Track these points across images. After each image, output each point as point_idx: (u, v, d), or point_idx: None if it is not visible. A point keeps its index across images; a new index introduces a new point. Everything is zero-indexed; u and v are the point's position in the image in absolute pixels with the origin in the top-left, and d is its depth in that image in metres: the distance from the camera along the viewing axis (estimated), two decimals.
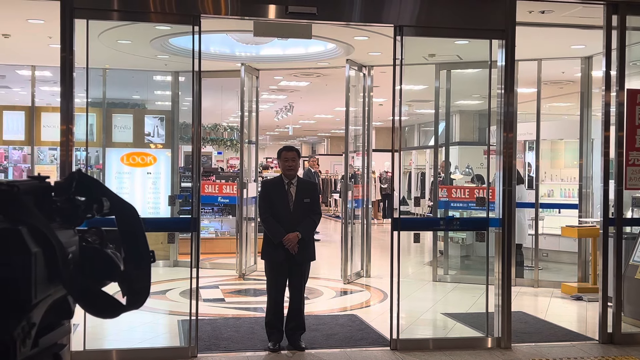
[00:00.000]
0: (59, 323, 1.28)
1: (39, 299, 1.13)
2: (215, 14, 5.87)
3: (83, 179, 1.28)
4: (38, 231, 1.15)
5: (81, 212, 1.27)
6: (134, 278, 1.26)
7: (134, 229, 1.28)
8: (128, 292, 1.26)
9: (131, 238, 1.27)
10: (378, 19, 6.19)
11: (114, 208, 1.29)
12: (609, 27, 6.27)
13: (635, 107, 6.30)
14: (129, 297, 1.26)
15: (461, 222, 6.93)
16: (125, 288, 1.26)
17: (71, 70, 5.41)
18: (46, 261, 1.14)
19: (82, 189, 1.28)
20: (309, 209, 5.93)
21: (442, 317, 7.54)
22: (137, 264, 1.27)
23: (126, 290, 1.26)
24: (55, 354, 1.25)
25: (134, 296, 1.27)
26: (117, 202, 1.29)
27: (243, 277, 9.70)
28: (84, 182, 1.28)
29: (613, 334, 6.23)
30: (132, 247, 1.27)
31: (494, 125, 6.38)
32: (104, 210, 1.29)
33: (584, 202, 9.33)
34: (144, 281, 1.28)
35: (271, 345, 5.88)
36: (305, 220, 5.88)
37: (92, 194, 1.28)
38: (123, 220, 1.29)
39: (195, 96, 5.93)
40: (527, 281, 9.15)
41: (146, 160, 9.87)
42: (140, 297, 1.28)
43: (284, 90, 14.17)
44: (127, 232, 1.27)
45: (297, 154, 6.11)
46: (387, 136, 19.46)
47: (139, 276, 1.27)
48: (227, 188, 10.63)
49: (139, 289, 1.27)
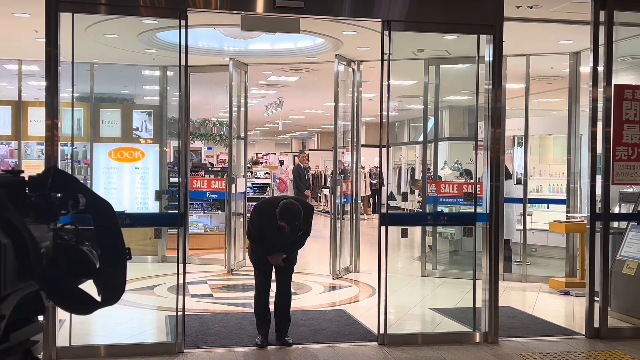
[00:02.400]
0: (32, 319, 1.26)
1: (8, 292, 1.12)
2: (202, 8, 5.84)
3: (59, 175, 1.26)
4: (9, 223, 1.13)
5: (56, 208, 1.25)
6: (109, 275, 1.25)
7: (111, 226, 1.26)
8: (103, 289, 1.25)
9: (107, 235, 1.26)
10: (366, 14, 6.17)
11: (90, 205, 1.27)
12: (597, 22, 6.28)
13: (622, 103, 6.32)
14: (104, 293, 1.25)
15: (449, 217, 6.93)
16: (100, 285, 1.25)
17: (56, 65, 5.37)
18: (17, 254, 1.12)
19: (58, 184, 1.25)
20: (302, 233, 5.94)
21: (430, 312, 7.55)
22: (113, 261, 1.25)
23: (101, 288, 1.25)
24: (27, 350, 1.23)
25: (109, 293, 1.25)
26: (93, 199, 1.27)
27: (231, 272, 9.68)
28: (60, 178, 1.26)
29: (600, 329, 6.26)
30: (107, 245, 1.26)
31: (482, 120, 6.38)
32: (80, 207, 1.27)
33: (572, 197, 9.36)
34: (119, 278, 1.26)
35: (259, 341, 5.89)
36: (293, 244, 5.93)
37: (69, 190, 1.26)
38: (99, 217, 1.27)
39: (183, 91, 5.90)
40: (515, 276, 9.18)
41: (134, 155, 9.82)
42: (115, 294, 1.26)
43: (273, 85, 14.14)
44: (102, 229, 1.26)
45: (299, 220, 5.68)
46: (376, 131, 19.48)
47: (114, 273, 1.26)
48: (215, 183, 10.60)
49: (114, 286, 1.26)
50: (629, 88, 6.36)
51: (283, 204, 5.60)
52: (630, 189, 7.58)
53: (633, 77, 8.72)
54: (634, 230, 6.97)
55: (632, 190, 7.56)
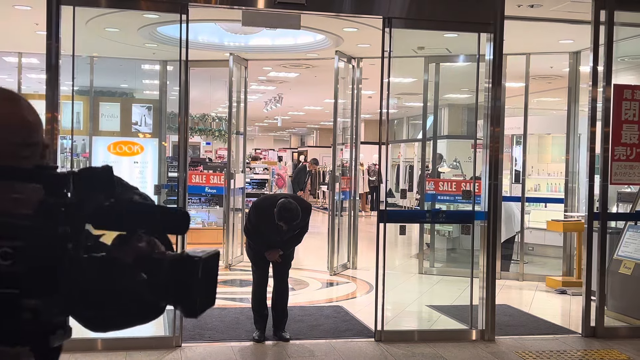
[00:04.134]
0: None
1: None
2: (203, 3, 5.84)
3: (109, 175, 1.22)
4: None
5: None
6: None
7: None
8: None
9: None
10: (367, 11, 6.18)
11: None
12: (597, 22, 6.29)
13: (621, 103, 6.33)
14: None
15: (447, 215, 6.95)
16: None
17: (57, 58, 5.37)
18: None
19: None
20: (299, 231, 5.93)
21: (427, 309, 7.57)
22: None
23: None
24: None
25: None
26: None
27: (229, 267, 9.69)
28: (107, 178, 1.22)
29: (596, 328, 6.28)
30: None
31: (482, 119, 6.39)
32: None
33: (570, 196, 9.38)
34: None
35: (256, 336, 5.90)
36: (290, 241, 5.93)
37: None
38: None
39: (182, 86, 5.90)
40: (512, 274, 9.19)
41: (133, 150, 9.83)
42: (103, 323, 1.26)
43: (273, 81, 14.14)
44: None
45: (297, 221, 5.69)
46: (376, 128, 19.48)
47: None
48: (214, 178, 10.60)
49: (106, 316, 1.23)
50: (628, 88, 6.37)
51: (281, 203, 5.60)
52: (628, 188, 7.59)
53: (633, 77, 8.73)
54: (631, 230, 6.98)
55: (630, 190, 7.58)
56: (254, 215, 5.90)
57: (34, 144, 1.30)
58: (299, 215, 5.61)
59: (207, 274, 1.19)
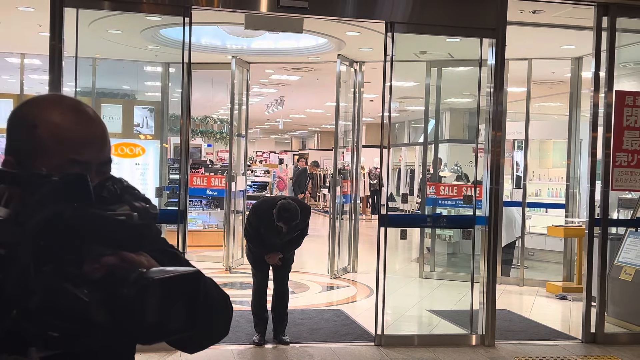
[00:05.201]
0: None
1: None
2: (207, 6, 5.85)
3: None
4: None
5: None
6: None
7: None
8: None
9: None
10: (370, 15, 6.18)
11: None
12: (599, 28, 6.29)
13: (623, 109, 6.33)
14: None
15: (448, 220, 6.96)
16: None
17: (60, 59, 5.38)
18: None
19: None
20: (299, 233, 5.93)
21: (427, 313, 7.56)
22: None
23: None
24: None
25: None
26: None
27: (230, 270, 9.69)
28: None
29: (596, 334, 6.27)
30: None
31: (483, 123, 6.39)
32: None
33: (571, 202, 9.37)
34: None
35: (256, 339, 5.90)
36: (289, 244, 5.93)
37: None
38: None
39: (185, 88, 5.91)
40: (512, 279, 9.19)
41: (135, 151, 9.82)
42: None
43: (274, 83, 14.15)
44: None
45: (297, 221, 5.69)
46: (377, 132, 19.47)
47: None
48: (215, 181, 10.61)
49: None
50: (630, 94, 6.37)
51: (281, 204, 5.60)
52: (629, 195, 7.59)
53: (635, 83, 8.73)
54: (632, 237, 6.98)
55: (631, 197, 7.58)
56: (254, 218, 5.90)
57: (83, 162, 1.19)
58: (298, 215, 5.61)
59: (178, 295, 1.07)
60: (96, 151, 1.22)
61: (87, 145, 1.21)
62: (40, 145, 1.19)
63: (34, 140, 1.19)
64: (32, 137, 1.19)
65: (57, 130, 1.19)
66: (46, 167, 1.12)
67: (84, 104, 1.27)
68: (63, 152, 1.18)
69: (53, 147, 1.18)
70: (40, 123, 1.20)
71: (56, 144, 1.19)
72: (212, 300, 1.28)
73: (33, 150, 1.19)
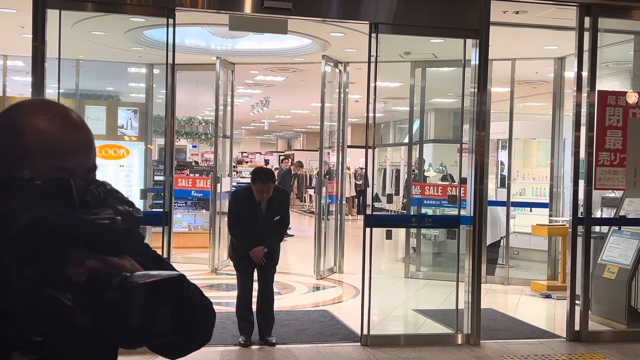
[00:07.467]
0: None
1: None
2: (190, 7, 5.83)
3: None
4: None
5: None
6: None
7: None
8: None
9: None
10: (354, 16, 6.20)
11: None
12: (582, 28, 6.35)
13: (605, 109, 6.38)
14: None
15: (433, 220, 6.99)
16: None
17: (43, 61, 5.34)
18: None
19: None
20: (279, 221, 5.98)
21: (413, 313, 7.59)
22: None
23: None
24: None
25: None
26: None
27: (215, 271, 9.67)
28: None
29: (580, 332, 6.32)
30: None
31: (467, 123, 6.43)
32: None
33: (555, 201, 9.44)
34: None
35: (242, 340, 5.89)
36: (273, 235, 5.93)
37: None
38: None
39: (169, 89, 5.89)
40: (497, 278, 9.24)
41: (119, 153, 9.77)
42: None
43: (259, 84, 14.13)
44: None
45: (272, 181, 5.93)
46: (362, 132, 19.52)
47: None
48: (200, 182, 10.58)
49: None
50: (612, 94, 6.43)
51: (255, 168, 5.73)
52: (612, 193, 7.65)
53: (617, 83, 8.80)
54: (615, 235, 7.04)
55: (614, 195, 7.64)
56: (232, 200, 6.12)
57: (69, 169, 1.18)
58: (272, 176, 5.89)
59: (161, 300, 1.07)
60: (82, 159, 1.22)
61: (73, 153, 1.20)
62: (27, 152, 1.18)
63: (21, 146, 1.18)
64: (19, 143, 1.18)
65: (44, 137, 1.19)
66: (31, 173, 1.12)
67: (72, 110, 1.26)
68: (49, 159, 1.18)
69: (39, 154, 1.18)
70: (28, 129, 1.19)
71: (43, 151, 1.18)
72: (195, 304, 1.27)
73: (19, 156, 1.18)
